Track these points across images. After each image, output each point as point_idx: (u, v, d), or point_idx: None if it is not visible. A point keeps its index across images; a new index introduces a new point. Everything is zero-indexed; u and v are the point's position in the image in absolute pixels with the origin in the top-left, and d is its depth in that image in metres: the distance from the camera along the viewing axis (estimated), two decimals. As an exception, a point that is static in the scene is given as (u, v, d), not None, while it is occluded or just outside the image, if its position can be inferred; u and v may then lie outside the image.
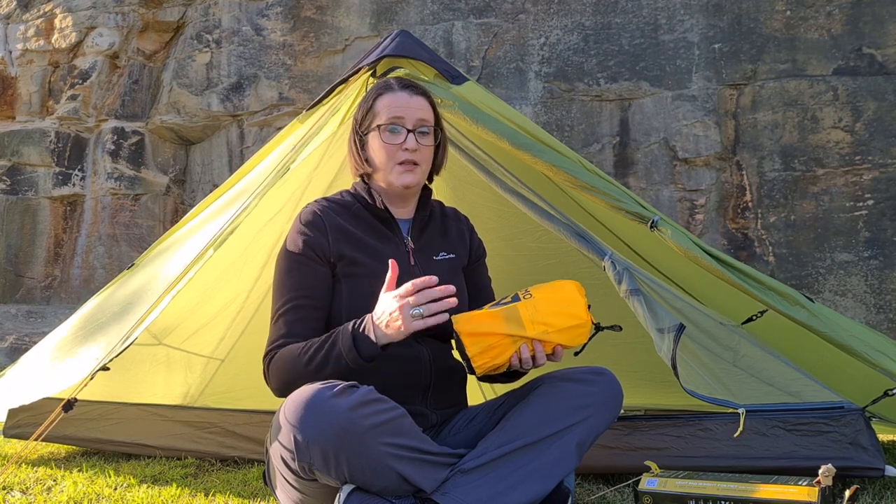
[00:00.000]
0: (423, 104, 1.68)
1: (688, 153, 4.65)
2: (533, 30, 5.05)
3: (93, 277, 5.73)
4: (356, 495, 1.36)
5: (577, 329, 1.50)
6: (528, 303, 1.48)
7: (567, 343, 1.51)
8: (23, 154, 5.94)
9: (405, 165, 1.64)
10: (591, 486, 2.01)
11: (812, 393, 1.92)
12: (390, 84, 1.70)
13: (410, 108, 1.65)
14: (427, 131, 1.67)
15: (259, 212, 2.27)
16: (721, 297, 2.23)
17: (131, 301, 2.24)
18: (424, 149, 1.66)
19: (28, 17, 6.13)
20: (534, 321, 1.47)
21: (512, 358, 1.48)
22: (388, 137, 1.63)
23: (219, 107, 5.65)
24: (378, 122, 1.65)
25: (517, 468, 1.43)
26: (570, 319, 1.49)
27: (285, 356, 1.52)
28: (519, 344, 1.47)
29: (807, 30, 4.50)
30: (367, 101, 1.69)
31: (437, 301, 1.38)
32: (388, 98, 1.66)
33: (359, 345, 1.43)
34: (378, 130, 1.64)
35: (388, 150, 1.64)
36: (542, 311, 1.48)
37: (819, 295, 4.29)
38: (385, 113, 1.64)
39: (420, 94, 1.69)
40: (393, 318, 1.39)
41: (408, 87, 1.68)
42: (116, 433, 2.58)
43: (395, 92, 1.67)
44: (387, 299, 1.42)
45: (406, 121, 1.64)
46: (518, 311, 1.48)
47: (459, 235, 1.79)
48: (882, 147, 4.27)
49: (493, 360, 1.47)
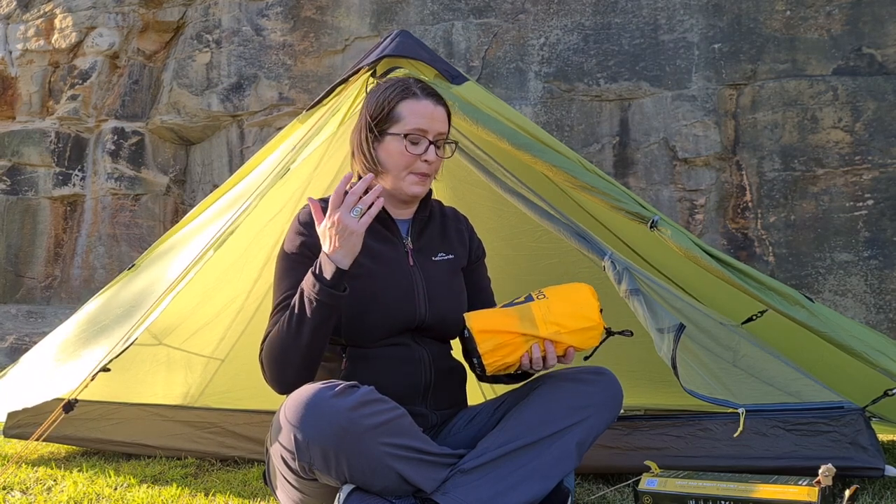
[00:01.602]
0: (444, 116, 1.66)
1: (688, 153, 4.65)
2: (533, 30, 5.05)
3: (93, 277, 5.73)
4: (356, 495, 1.36)
5: (589, 331, 1.51)
6: (541, 303, 1.49)
7: (579, 345, 1.51)
8: (23, 154, 5.94)
9: (418, 176, 1.63)
10: (591, 486, 2.01)
11: (812, 393, 1.92)
12: (412, 88, 1.65)
13: (435, 120, 1.63)
14: (442, 144, 1.66)
15: (259, 212, 2.27)
16: (721, 297, 2.23)
17: (135, 304, 2.24)
18: (439, 161, 1.66)
19: (28, 17, 6.13)
20: (547, 321, 1.47)
21: (522, 357, 1.48)
22: (411, 147, 1.61)
23: (219, 107, 5.65)
24: (402, 129, 1.61)
25: (517, 468, 1.43)
26: (583, 321, 1.50)
27: (271, 337, 1.53)
28: (531, 343, 1.48)
29: (807, 30, 4.50)
30: (388, 101, 1.63)
31: (365, 194, 1.42)
32: (413, 105, 1.62)
33: (320, 276, 1.43)
34: (401, 137, 1.61)
35: (407, 159, 1.61)
36: (555, 311, 1.48)
37: (819, 295, 4.29)
38: (411, 121, 1.61)
39: (443, 104, 1.67)
40: (339, 233, 1.41)
41: (431, 95, 1.65)
42: (116, 433, 2.58)
43: (419, 99, 1.63)
44: (322, 226, 1.45)
45: (429, 133, 1.62)
46: (531, 310, 1.48)
47: (459, 236, 1.79)
48: (882, 147, 4.27)
49: (504, 358, 1.47)
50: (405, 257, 1.66)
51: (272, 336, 1.52)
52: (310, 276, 1.45)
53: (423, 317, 1.61)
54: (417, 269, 1.65)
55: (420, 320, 1.61)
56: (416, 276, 1.64)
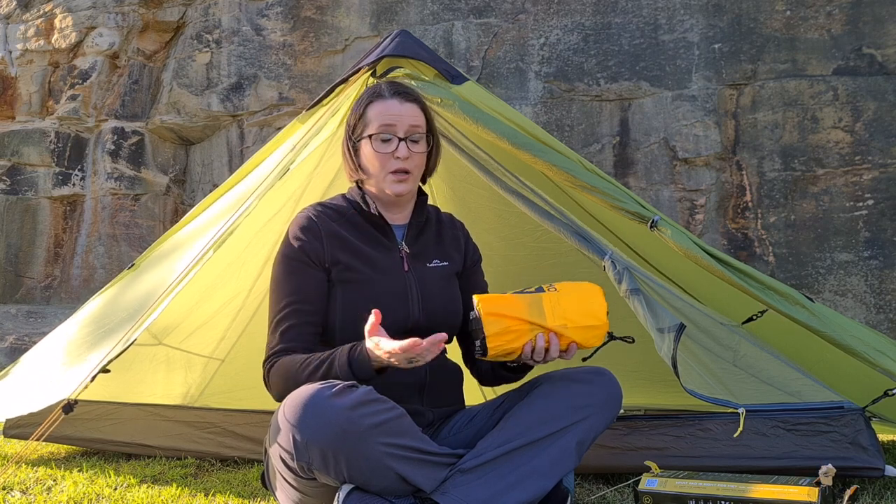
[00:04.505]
0: (414, 111, 1.67)
1: (688, 153, 4.65)
2: (533, 30, 5.05)
3: (93, 277, 5.73)
4: (355, 495, 1.36)
5: (594, 329, 1.51)
6: (552, 294, 1.50)
7: (582, 342, 1.51)
8: (23, 154, 5.94)
9: (397, 175, 1.63)
10: (591, 486, 2.01)
11: (812, 393, 1.92)
12: (381, 91, 1.69)
13: (402, 116, 1.64)
14: (419, 138, 1.66)
15: (259, 212, 2.27)
16: (721, 297, 2.23)
17: (141, 306, 2.24)
18: (416, 156, 1.66)
19: (28, 17, 6.13)
20: (555, 313, 1.48)
21: (525, 346, 1.48)
22: (379, 146, 1.63)
23: (219, 107, 5.64)
24: (370, 130, 1.64)
25: (517, 467, 1.43)
26: (591, 319, 1.50)
27: (286, 367, 1.52)
28: (536, 332, 1.48)
29: (807, 30, 4.50)
30: (359, 108, 1.69)
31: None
32: (379, 106, 1.65)
33: (354, 368, 1.44)
34: (370, 139, 1.64)
35: (381, 159, 1.63)
36: (564, 304, 1.49)
37: (819, 295, 4.29)
38: (376, 121, 1.64)
39: (412, 100, 1.68)
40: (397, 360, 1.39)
41: (399, 94, 1.67)
42: (116, 433, 2.58)
43: (385, 99, 1.66)
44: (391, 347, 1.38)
45: (398, 129, 1.63)
46: (541, 300, 1.49)
47: (454, 242, 1.79)
48: (882, 147, 4.27)
49: (508, 343, 1.47)
50: (400, 262, 1.66)
51: (286, 371, 1.51)
52: (346, 364, 1.44)
53: (417, 321, 1.61)
54: (412, 274, 1.65)
55: (414, 324, 1.61)
56: (410, 281, 1.64)
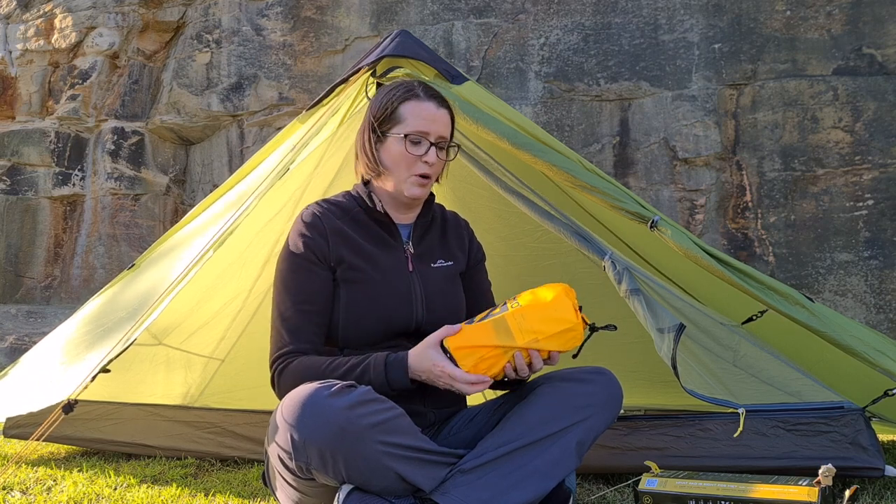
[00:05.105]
0: (447, 118, 1.66)
1: (688, 153, 4.65)
2: (533, 30, 5.05)
3: (93, 277, 5.73)
4: (355, 495, 1.36)
5: (567, 333, 1.47)
6: (515, 312, 1.46)
7: (559, 348, 1.48)
8: (23, 154, 5.94)
9: (419, 178, 1.63)
10: (591, 486, 2.01)
11: (812, 393, 1.92)
12: (415, 90, 1.65)
13: (437, 122, 1.63)
14: (444, 146, 1.66)
15: (259, 212, 2.27)
16: (721, 297, 2.23)
17: (138, 306, 2.24)
18: (440, 163, 1.66)
19: (28, 17, 6.13)
20: (523, 329, 1.44)
21: (506, 368, 1.47)
22: (411, 147, 1.61)
23: (219, 107, 5.64)
24: (404, 129, 1.61)
25: (517, 468, 1.43)
26: (560, 324, 1.46)
27: (305, 368, 1.51)
28: (511, 354, 1.45)
29: (807, 30, 4.50)
30: (390, 102, 1.64)
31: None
32: (416, 106, 1.63)
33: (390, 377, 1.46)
34: (402, 138, 1.61)
35: (408, 160, 1.62)
36: (529, 318, 1.45)
37: (819, 295, 4.29)
38: (412, 122, 1.61)
39: (445, 106, 1.67)
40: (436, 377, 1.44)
41: (434, 98, 1.65)
42: (116, 433, 2.58)
43: (422, 100, 1.63)
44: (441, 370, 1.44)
45: (431, 134, 1.62)
46: (506, 321, 1.45)
47: (458, 241, 1.78)
48: (882, 147, 4.27)
49: (487, 370, 1.45)
50: (405, 262, 1.65)
51: (313, 371, 1.50)
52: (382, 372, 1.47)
53: (420, 321, 1.61)
54: (416, 275, 1.65)
55: (417, 325, 1.61)
56: (414, 281, 1.64)
